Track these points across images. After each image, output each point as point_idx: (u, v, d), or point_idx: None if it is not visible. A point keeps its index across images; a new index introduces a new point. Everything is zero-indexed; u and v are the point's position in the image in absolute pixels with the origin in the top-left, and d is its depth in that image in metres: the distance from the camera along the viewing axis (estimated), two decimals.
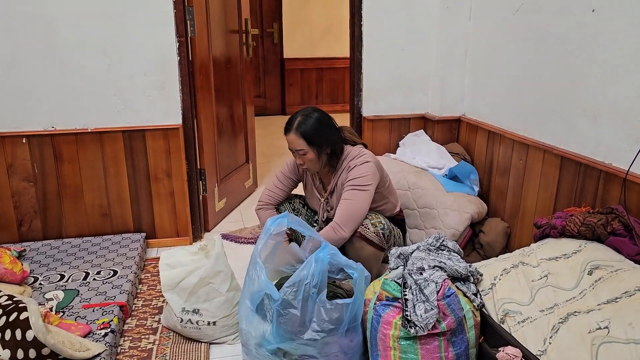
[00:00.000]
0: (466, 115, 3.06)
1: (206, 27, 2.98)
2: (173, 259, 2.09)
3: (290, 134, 2.13)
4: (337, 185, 2.23)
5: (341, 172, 2.20)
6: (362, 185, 2.10)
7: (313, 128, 2.11)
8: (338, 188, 2.22)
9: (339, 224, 2.07)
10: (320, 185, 2.32)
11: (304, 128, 2.11)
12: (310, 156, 2.13)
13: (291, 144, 2.14)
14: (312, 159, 2.14)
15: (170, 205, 2.91)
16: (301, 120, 2.12)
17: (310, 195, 2.38)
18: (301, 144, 2.11)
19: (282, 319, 1.68)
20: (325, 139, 2.14)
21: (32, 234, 2.80)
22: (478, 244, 2.59)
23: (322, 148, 2.14)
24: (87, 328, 1.93)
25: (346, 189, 2.12)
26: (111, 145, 2.76)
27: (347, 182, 2.13)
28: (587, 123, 2.05)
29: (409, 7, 3.00)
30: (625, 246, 1.71)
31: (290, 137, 2.13)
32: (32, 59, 2.59)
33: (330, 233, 2.07)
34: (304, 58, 6.82)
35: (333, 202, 2.26)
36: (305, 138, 2.10)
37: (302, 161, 2.16)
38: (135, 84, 2.72)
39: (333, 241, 2.03)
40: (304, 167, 2.21)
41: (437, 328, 1.60)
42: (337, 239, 2.06)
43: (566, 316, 1.55)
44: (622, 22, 1.85)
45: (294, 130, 2.12)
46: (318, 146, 2.12)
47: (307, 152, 2.12)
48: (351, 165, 2.16)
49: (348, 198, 2.10)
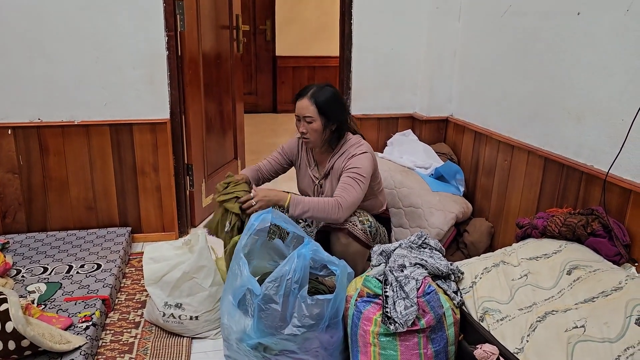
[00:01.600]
0: (453, 116, 3.08)
1: (196, 21, 2.97)
2: (157, 253, 2.09)
3: (303, 99, 2.13)
4: (332, 169, 2.21)
5: (339, 156, 2.19)
6: (362, 175, 2.10)
7: (326, 99, 2.12)
8: (333, 171, 2.20)
9: (342, 205, 2.03)
10: (315, 167, 2.30)
11: (318, 96, 2.12)
12: (316, 125, 2.12)
13: (300, 110, 2.13)
14: (316, 129, 2.13)
15: (156, 200, 2.91)
16: (317, 89, 2.14)
17: (302, 178, 2.35)
18: (311, 111, 2.11)
19: (263, 314, 1.69)
20: (334, 114, 2.14)
21: (16, 226, 2.78)
22: (462, 243, 2.61)
23: (329, 121, 2.14)
24: (69, 321, 1.92)
25: (348, 174, 2.10)
26: (98, 139, 2.75)
27: (348, 169, 2.11)
28: (571, 125, 2.07)
29: (399, 7, 3.01)
30: (604, 247, 1.74)
31: (302, 102, 2.13)
32: (18, 50, 2.57)
33: (333, 208, 2.02)
34: (297, 56, 6.81)
35: (326, 186, 2.25)
36: (317, 106, 2.10)
37: (305, 130, 2.14)
38: (123, 77, 2.70)
39: (330, 216, 2.01)
40: (305, 138, 2.17)
41: (417, 325, 1.62)
42: (335, 217, 2.03)
43: (544, 315, 1.57)
44: (606, 25, 1.87)
45: (308, 97, 2.12)
46: (326, 118, 2.12)
47: (315, 121, 2.12)
48: (351, 152, 2.15)
49: (351, 185, 2.07)
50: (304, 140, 2.20)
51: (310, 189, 2.32)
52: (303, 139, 2.20)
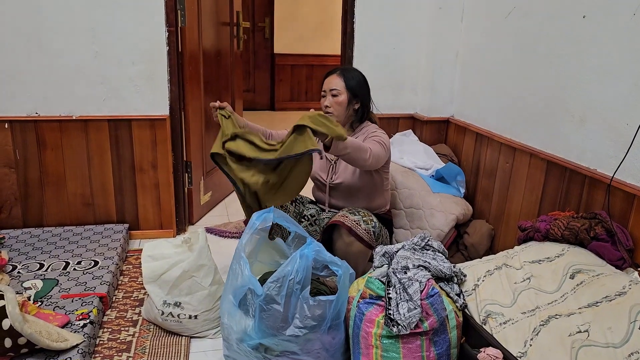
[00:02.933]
0: (455, 117, 3.07)
1: (197, 17, 2.95)
2: (156, 251, 2.07)
3: (333, 75, 2.25)
4: None
5: (357, 135, 2.27)
6: (385, 142, 2.16)
7: (355, 77, 2.26)
8: None
9: (372, 150, 2.03)
10: None
11: (347, 73, 2.25)
12: (341, 99, 2.21)
13: (328, 84, 2.24)
14: (341, 103, 2.22)
15: (154, 197, 2.88)
16: (346, 68, 2.33)
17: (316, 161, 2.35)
18: (339, 84, 2.22)
19: (265, 315, 1.67)
20: (360, 92, 2.25)
21: (12, 221, 2.75)
22: (462, 245, 2.60)
23: (354, 98, 2.24)
24: (66, 318, 1.90)
25: (372, 138, 2.15)
26: (96, 134, 2.72)
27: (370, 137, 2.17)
28: (574, 128, 2.07)
29: (402, 6, 2.99)
30: (607, 251, 1.73)
31: (332, 77, 2.25)
32: (17, 43, 2.53)
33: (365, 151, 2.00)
34: (295, 54, 6.79)
35: (340, 165, 2.29)
36: (345, 81, 2.22)
37: (330, 104, 2.23)
38: (122, 72, 2.68)
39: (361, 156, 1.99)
40: (329, 111, 2.23)
41: (420, 327, 1.60)
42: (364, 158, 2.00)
43: (547, 319, 1.56)
44: (612, 28, 1.87)
45: (338, 73, 2.25)
46: (352, 94, 2.23)
47: (340, 94, 2.22)
48: (375, 130, 2.24)
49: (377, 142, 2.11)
50: (327, 114, 2.22)
51: (324, 169, 2.35)
52: (327, 113, 2.23)
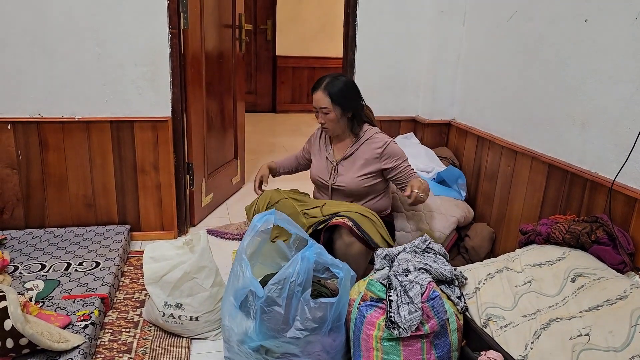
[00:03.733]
0: (456, 120, 3.07)
1: (200, 20, 2.96)
2: (157, 253, 2.07)
3: (318, 91, 2.24)
4: (356, 152, 2.30)
5: (361, 143, 2.29)
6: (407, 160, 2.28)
7: (339, 89, 2.23)
8: (356, 156, 2.29)
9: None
10: (332, 151, 2.37)
11: (331, 87, 2.22)
12: (332, 116, 2.23)
13: (316, 102, 2.24)
14: (333, 119, 2.24)
15: (156, 198, 2.89)
16: (330, 80, 2.25)
17: (318, 162, 2.42)
18: (326, 102, 2.21)
19: (266, 317, 1.67)
20: (348, 102, 2.25)
21: (14, 222, 2.75)
22: (463, 248, 2.60)
23: (345, 110, 2.25)
24: (67, 319, 1.90)
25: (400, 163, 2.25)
26: (98, 135, 2.72)
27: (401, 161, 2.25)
28: (576, 132, 2.07)
29: (404, 10, 3.00)
30: (608, 255, 1.73)
31: (317, 95, 2.24)
32: (20, 44, 2.54)
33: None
34: (297, 56, 6.81)
35: (343, 168, 2.32)
36: (330, 97, 2.21)
37: (323, 120, 2.25)
38: (125, 74, 2.68)
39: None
40: (324, 127, 2.28)
41: (421, 330, 1.61)
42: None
43: (548, 322, 1.57)
44: (614, 32, 1.87)
45: (322, 89, 2.23)
46: (341, 107, 2.23)
47: (330, 112, 2.22)
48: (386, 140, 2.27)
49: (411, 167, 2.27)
50: (325, 129, 2.32)
51: (326, 171, 2.36)
52: (323, 129, 2.32)
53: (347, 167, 2.30)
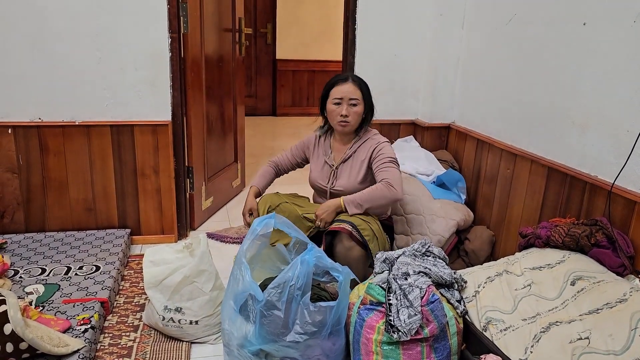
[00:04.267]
0: (456, 123, 3.08)
1: (199, 24, 2.97)
2: (157, 256, 2.07)
3: (349, 83, 2.21)
4: (354, 154, 2.28)
5: (361, 143, 2.27)
6: (394, 159, 2.19)
7: (366, 86, 2.25)
8: (355, 157, 2.27)
9: (390, 182, 2.09)
10: (332, 155, 2.35)
11: (361, 82, 2.24)
12: (359, 109, 2.21)
13: (346, 93, 2.19)
14: (359, 112, 2.22)
15: (156, 202, 2.89)
16: (354, 75, 2.27)
17: (317, 166, 2.38)
18: (358, 94, 2.20)
19: (265, 320, 1.67)
20: (369, 101, 2.26)
21: (14, 226, 2.76)
22: (463, 251, 2.60)
23: (366, 108, 2.25)
24: (67, 323, 1.90)
25: (382, 160, 2.17)
26: (98, 139, 2.73)
27: (379, 156, 2.19)
28: (575, 135, 2.07)
29: (403, 13, 3.01)
30: (608, 258, 1.73)
31: (348, 86, 2.20)
32: (20, 49, 2.55)
33: (383, 189, 2.08)
34: (297, 60, 6.82)
35: (343, 170, 2.30)
36: (361, 89, 2.21)
37: (348, 113, 2.20)
38: (125, 78, 2.69)
39: (387, 197, 2.08)
40: (346, 122, 2.21)
41: (420, 334, 1.61)
42: (391, 196, 2.08)
43: (548, 326, 1.56)
44: (612, 35, 1.87)
45: (352, 81, 2.22)
46: (365, 103, 2.23)
47: (359, 104, 2.21)
48: (376, 140, 2.25)
49: (388, 166, 2.15)
50: (343, 124, 2.23)
51: (325, 175, 2.34)
52: (343, 123, 2.23)
53: (346, 170, 2.29)
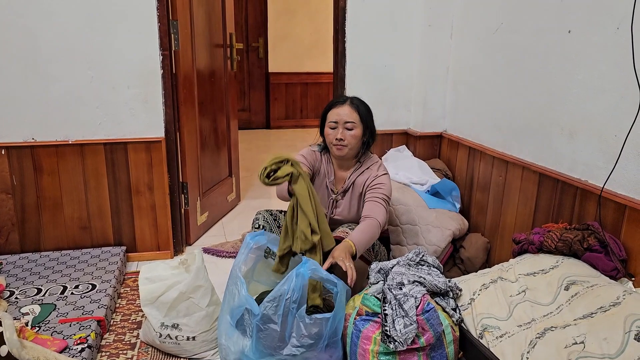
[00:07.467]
0: (447, 132, 3.10)
1: (190, 40, 2.99)
2: (153, 273, 2.07)
3: (346, 105, 2.14)
4: (353, 185, 2.20)
5: (361, 172, 2.20)
6: (387, 196, 2.12)
7: (365, 108, 2.18)
8: (354, 187, 2.20)
9: (380, 223, 2.02)
10: (333, 180, 2.27)
11: (359, 105, 2.16)
12: (356, 132, 2.12)
13: (342, 116, 2.11)
14: (356, 136, 2.13)
15: (151, 219, 2.89)
16: (354, 98, 2.18)
17: (317, 188, 2.26)
18: (355, 117, 2.12)
19: (262, 334, 1.68)
20: (370, 124, 2.18)
21: (10, 247, 2.75)
22: (459, 259, 2.61)
23: (365, 131, 2.16)
24: (64, 343, 1.90)
25: (375, 194, 2.10)
26: (92, 158, 2.74)
27: (375, 187, 2.12)
28: (564, 141, 2.09)
29: (392, 24, 3.04)
30: (600, 262, 1.74)
31: (345, 108, 2.13)
32: (12, 69, 2.56)
33: (377, 228, 2.01)
34: (289, 72, 6.86)
35: (343, 202, 2.23)
36: (358, 112, 2.13)
37: (344, 137, 2.11)
38: (118, 96, 2.71)
39: (377, 236, 2.03)
40: (343, 145, 2.12)
41: (417, 343, 1.61)
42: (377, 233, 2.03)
43: (543, 331, 1.57)
44: (597, 43, 1.90)
45: (350, 103, 2.14)
46: (365, 127, 2.15)
47: (356, 128, 2.12)
48: (374, 171, 2.18)
49: (380, 203, 2.07)
50: (339, 148, 2.14)
51: (325, 203, 2.26)
52: (339, 146, 2.14)
53: (345, 201, 2.24)
